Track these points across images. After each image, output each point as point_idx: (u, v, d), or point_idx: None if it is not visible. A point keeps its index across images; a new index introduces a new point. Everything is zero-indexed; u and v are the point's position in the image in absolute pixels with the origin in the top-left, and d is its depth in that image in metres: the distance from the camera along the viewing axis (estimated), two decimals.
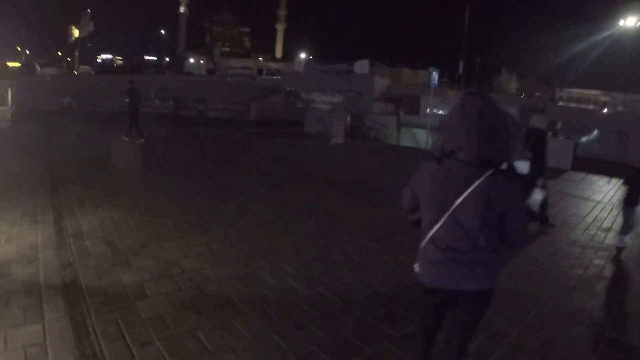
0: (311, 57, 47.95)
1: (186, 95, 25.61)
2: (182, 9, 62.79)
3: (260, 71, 36.89)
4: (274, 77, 31.62)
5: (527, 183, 4.65)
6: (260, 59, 59.52)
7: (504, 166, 2.21)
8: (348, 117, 19.23)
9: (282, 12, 71.31)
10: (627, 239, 5.74)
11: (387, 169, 12.06)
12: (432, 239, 2.04)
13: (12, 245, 5.06)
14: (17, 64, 45.12)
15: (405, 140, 23.73)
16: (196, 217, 6.50)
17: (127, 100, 14.32)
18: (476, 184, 1.90)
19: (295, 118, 22.13)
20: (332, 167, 11.90)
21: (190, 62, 53.08)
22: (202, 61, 52.68)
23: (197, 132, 19.05)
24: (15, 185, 8.15)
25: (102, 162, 10.77)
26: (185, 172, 10.12)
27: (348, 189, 9.03)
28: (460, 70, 34.50)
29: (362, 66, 26.94)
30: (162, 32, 64.41)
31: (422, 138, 20.30)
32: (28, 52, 60.65)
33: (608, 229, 6.80)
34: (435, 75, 19.93)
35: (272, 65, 48.18)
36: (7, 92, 19.50)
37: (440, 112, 20.87)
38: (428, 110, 21.51)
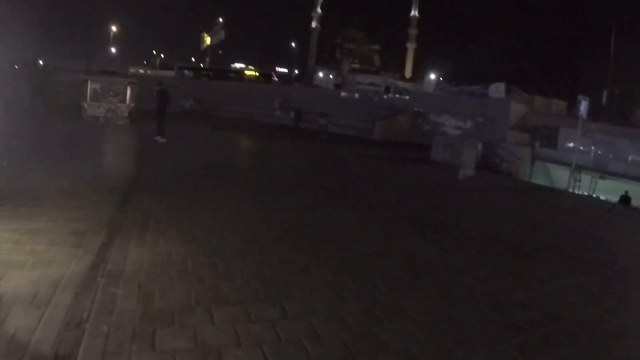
0: (441, 78, 51.90)
1: (309, 108, 28.18)
2: (314, 24, 75.26)
3: (387, 89, 41.02)
4: (402, 96, 34.72)
5: None
6: (390, 75, 66.64)
7: None
8: (479, 146, 20.24)
9: (413, 32, 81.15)
10: None
11: (530, 217, 10.93)
12: None
13: (32, 276, 4.79)
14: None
15: (539, 177, 24.53)
16: (273, 272, 5.54)
17: (157, 102, 16.46)
18: None
19: (421, 141, 23.10)
20: (462, 208, 10.98)
21: (319, 76, 61.63)
22: (331, 75, 60.76)
23: (314, 148, 19.58)
24: (89, 189, 8.61)
25: (199, 173, 11.04)
26: (286, 196, 9.71)
27: (484, 246, 7.78)
28: (604, 100, 36.18)
29: (497, 90, 28.73)
30: (294, 45, 75.17)
31: (558, 175, 21.16)
32: (162, 56, 73.12)
33: None
34: (585, 104, 20.28)
35: (401, 83, 53.33)
36: (126, 91, 22.96)
37: (581, 147, 21.64)
38: (571, 144, 22.75)
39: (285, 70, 69.64)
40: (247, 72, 59.97)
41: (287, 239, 6.87)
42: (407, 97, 33.82)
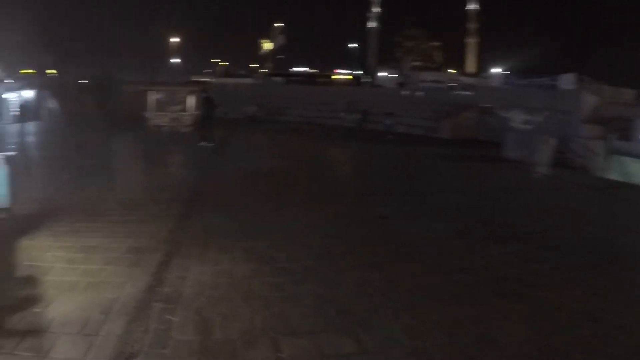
0: (507, 72, 51.11)
1: (374, 109, 28.38)
2: (372, 23, 76.78)
3: (451, 85, 41.32)
4: (467, 93, 34.66)
5: None
6: (453, 71, 67.59)
7: None
8: (554, 141, 18.94)
9: (473, 25, 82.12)
10: None
11: (620, 221, 9.64)
12: None
13: (84, 300, 4.61)
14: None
15: (614, 172, 22.63)
16: (346, 294, 5.02)
17: (202, 109, 17.56)
18: None
19: (490, 138, 23.14)
20: (543, 212, 9.93)
21: (380, 76, 63.02)
22: (392, 75, 62.50)
23: (381, 149, 19.09)
24: (149, 201, 8.56)
25: (263, 181, 10.82)
26: (355, 204, 9.24)
27: (575, 257, 6.89)
28: None
29: (568, 81, 28.45)
30: (354, 45, 76.56)
31: (634, 169, 19.46)
32: (227, 64, 75.86)
33: None
34: None
35: (465, 79, 53.44)
36: (188, 100, 23.77)
37: None
38: None
39: (346, 71, 71.60)
40: (336, 76, 62.39)
41: (359, 254, 6.34)
42: (472, 93, 33.61)
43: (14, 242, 6.30)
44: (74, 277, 5.19)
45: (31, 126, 29.93)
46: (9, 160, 6.29)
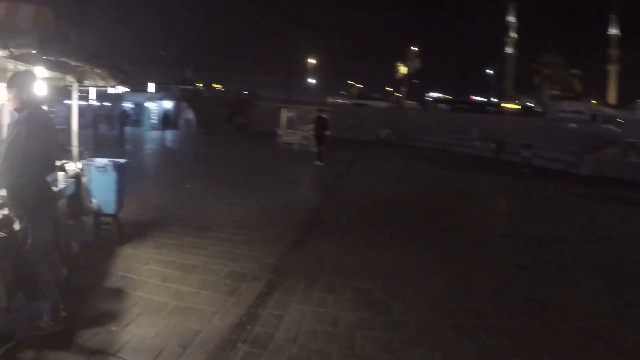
0: None
1: (510, 139, 26.91)
2: (509, 50, 75.16)
3: (594, 117, 40.46)
4: (611, 125, 32.60)
5: None
6: (593, 102, 64.89)
7: None
8: None
9: (614, 52, 78.76)
10: None
11: None
12: None
13: (166, 326, 4.25)
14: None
15: None
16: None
17: (315, 128, 18.74)
18: None
19: (636, 178, 21.53)
20: None
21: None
22: (530, 103, 61.54)
23: (517, 184, 17.18)
24: (264, 221, 8.34)
25: (388, 210, 10.09)
26: (488, 248, 7.99)
27: None
28: None
29: None
30: (490, 72, 75.46)
31: None
32: (361, 87, 77.96)
33: None
34: None
35: (608, 110, 51.07)
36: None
37: None
38: None
39: (482, 98, 71.09)
40: (506, 105, 62.00)
41: (488, 314, 5.24)
42: (616, 126, 31.28)
43: (114, 250, 6.31)
44: (164, 297, 4.92)
45: (168, 134, 32.81)
46: (119, 167, 6.33)
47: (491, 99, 72.09)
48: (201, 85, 57.20)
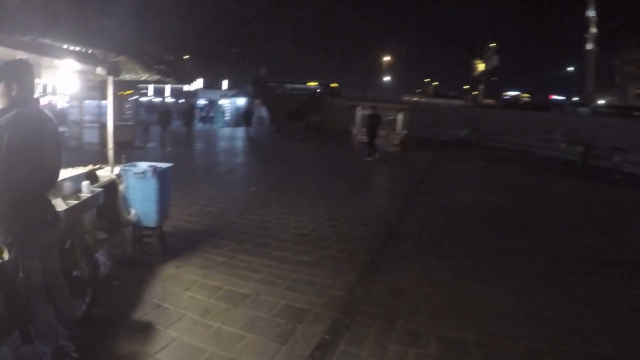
0: None
1: (599, 142, 23.84)
2: (589, 46, 71.74)
3: None
4: None
5: None
6: None
7: None
8: None
9: None
10: None
11: None
12: None
13: None
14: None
15: None
16: None
17: (367, 125, 19.02)
18: None
19: None
20: None
21: (599, 103, 57.56)
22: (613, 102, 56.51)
23: (610, 193, 14.53)
24: (332, 236, 7.19)
25: (476, 225, 8.58)
26: (595, 279, 6.19)
27: None
28: None
29: None
30: (570, 70, 71.16)
31: None
32: (436, 84, 75.19)
33: None
34: None
35: None
36: (397, 118, 23.15)
37: None
38: None
39: (562, 97, 66.87)
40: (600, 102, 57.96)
41: None
42: None
43: (154, 269, 5.40)
44: (200, 340, 3.89)
45: (239, 131, 32.52)
46: (161, 173, 5.37)
47: (574, 98, 68.01)
48: (316, 83, 55.76)
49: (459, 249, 7.06)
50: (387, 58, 71.55)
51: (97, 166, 5.25)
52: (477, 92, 60.46)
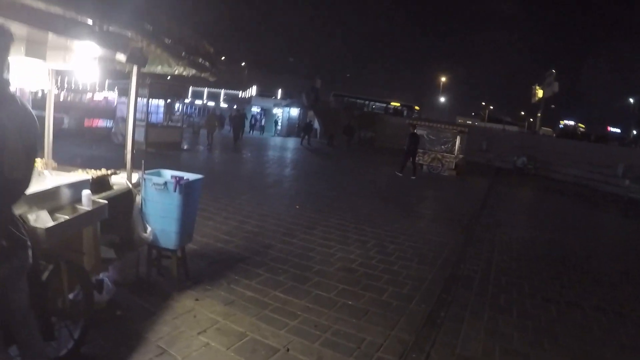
0: None
1: None
2: None
3: None
4: None
5: None
6: None
7: None
8: None
9: None
10: None
11: None
12: None
13: None
14: None
15: None
16: None
17: (407, 143, 19.21)
18: None
19: None
20: None
21: None
22: None
23: None
24: (388, 275, 6.08)
25: (546, 269, 7.27)
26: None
27: None
28: None
29: None
30: (630, 101, 68.42)
31: None
32: (492, 108, 72.98)
33: None
34: None
35: None
36: (455, 140, 21.90)
37: None
38: None
39: (618, 130, 64.64)
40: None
41: None
42: None
43: (168, 299, 4.49)
44: None
45: (291, 142, 31.87)
46: (186, 187, 4.43)
47: (634, 131, 64.50)
48: (398, 104, 54.62)
49: (531, 302, 5.81)
50: (443, 78, 70.01)
51: (111, 171, 4.39)
52: (532, 119, 57.99)
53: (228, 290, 4.89)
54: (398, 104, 52.88)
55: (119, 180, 4.50)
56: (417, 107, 55.06)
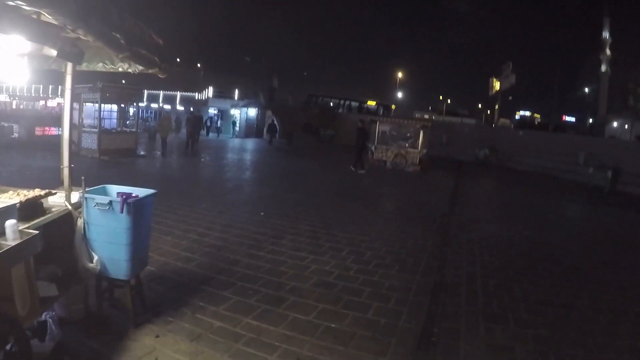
0: None
1: (628, 167, 22.49)
2: (603, 68, 71.26)
3: None
4: None
5: None
6: None
7: None
8: None
9: None
10: None
11: None
12: None
13: None
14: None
15: None
16: None
17: (356, 138, 19.78)
18: None
19: None
20: None
21: (613, 126, 58.29)
22: (626, 126, 56.62)
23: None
24: (369, 289, 5.56)
25: (527, 270, 6.89)
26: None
27: None
28: None
29: None
30: (584, 91, 70.77)
31: None
32: (449, 102, 74.01)
33: None
34: None
35: None
36: (418, 135, 21.63)
37: None
38: None
39: (573, 119, 67.69)
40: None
41: None
42: None
43: (123, 338, 3.83)
44: None
45: (250, 143, 31.07)
46: (135, 206, 3.75)
47: (589, 119, 67.06)
48: (374, 103, 53.67)
49: (525, 307, 5.39)
50: (400, 74, 70.27)
51: (45, 192, 3.68)
52: (490, 111, 58.85)
53: (193, 322, 4.25)
54: (374, 103, 52.58)
55: (57, 201, 3.80)
56: (393, 106, 54.91)
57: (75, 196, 3.86)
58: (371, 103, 52.62)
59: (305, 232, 7.88)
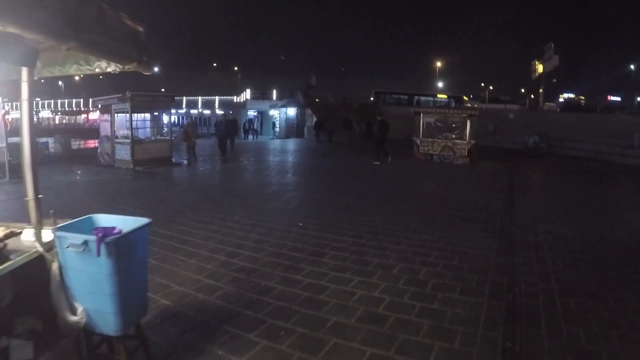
0: None
1: None
2: None
3: None
4: None
5: None
6: None
7: None
8: None
9: None
10: None
11: None
12: None
13: None
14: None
15: None
16: None
17: (377, 131, 20.00)
18: None
19: None
20: None
21: None
22: None
23: None
24: (429, 323, 4.56)
25: (616, 284, 5.73)
26: None
27: None
28: None
29: None
30: (630, 69, 66.01)
31: None
32: (491, 88, 71.37)
33: None
34: None
35: None
36: (465, 125, 20.31)
37: None
38: None
39: (618, 98, 64.19)
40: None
41: None
42: None
43: None
44: None
45: (290, 143, 30.35)
46: (116, 244, 2.87)
47: (638, 98, 62.96)
48: (445, 96, 52.74)
49: (619, 337, 4.28)
50: (439, 63, 68.32)
51: (9, 231, 2.91)
52: (533, 96, 56.17)
53: None
54: (445, 96, 51.26)
55: (26, 240, 3.01)
56: (465, 97, 53.31)
57: (47, 234, 3.06)
58: (442, 96, 51.18)
59: (350, 246, 6.94)
